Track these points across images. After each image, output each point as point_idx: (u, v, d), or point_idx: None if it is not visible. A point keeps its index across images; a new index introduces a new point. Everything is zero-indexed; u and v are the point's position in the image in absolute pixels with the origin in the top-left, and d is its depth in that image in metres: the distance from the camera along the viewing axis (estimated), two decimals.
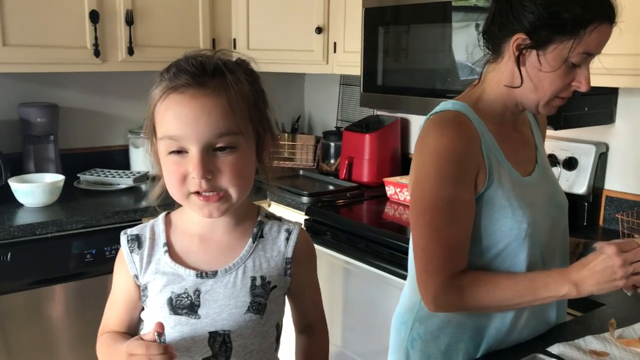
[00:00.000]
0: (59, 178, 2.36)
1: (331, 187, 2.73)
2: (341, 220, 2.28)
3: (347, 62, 2.62)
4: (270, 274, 1.07)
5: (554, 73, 1.15)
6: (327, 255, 2.26)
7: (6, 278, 2.06)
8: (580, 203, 2.12)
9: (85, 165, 2.74)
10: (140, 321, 1.11)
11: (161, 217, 1.10)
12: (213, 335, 1.03)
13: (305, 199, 2.47)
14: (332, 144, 3.01)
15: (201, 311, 1.02)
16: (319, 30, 2.69)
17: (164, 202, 1.08)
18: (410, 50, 2.30)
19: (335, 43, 2.68)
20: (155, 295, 1.04)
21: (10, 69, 2.32)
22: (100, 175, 2.64)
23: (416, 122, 2.84)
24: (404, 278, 1.88)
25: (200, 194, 0.97)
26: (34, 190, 2.25)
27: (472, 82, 1.29)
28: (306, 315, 1.19)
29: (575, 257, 1.32)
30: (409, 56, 2.30)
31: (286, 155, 3.18)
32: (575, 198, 2.08)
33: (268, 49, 2.76)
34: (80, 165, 2.71)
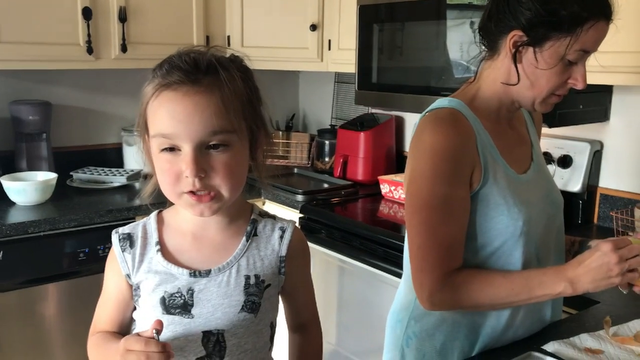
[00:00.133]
0: (52, 176, 2.35)
1: (326, 185, 2.72)
2: (336, 219, 2.28)
3: (342, 60, 2.62)
4: (264, 273, 1.06)
5: (550, 70, 1.14)
6: (322, 254, 2.26)
7: None
8: (575, 201, 2.12)
9: (78, 163, 2.72)
10: (132, 321, 1.10)
11: (153, 216, 1.09)
12: (207, 334, 1.02)
13: (300, 197, 2.47)
14: (327, 142, 3.01)
15: (195, 310, 1.02)
16: (314, 27, 2.69)
17: (157, 201, 1.08)
18: (405, 47, 2.29)
19: (329, 40, 2.68)
20: (148, 294, 1.03)
21: (2, 66, 2.30)
22: (93, 174, 2.62)
23: (411, 120, 2.84)
24: (399, 276, 1.88)
25: (193, 192, 0.96)
26: (26, 189, 2.24)
27: (468, 80, 1.28)
28: (300, 314, 1.19)
29: (571, 256, 1.32)
30: (404, 54, 2.30)
31: (280, 153, 3.17)
32: (569, 196, 2.08)
33: (262, 46, 2.75)
34: (73, 163, 2.70)
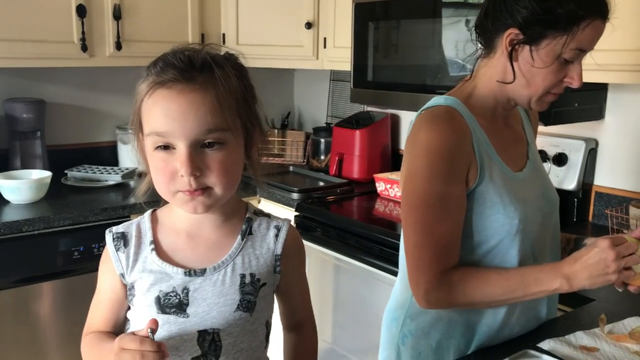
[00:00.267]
0: (46, 174, 2.33)
1: (321, 184, 2.72)
2: (331, 217, 2.28)
3: (337, 58, 2.61)
4: (259, 271, 1.06)
5: (546, 69, 1.14)
6: (317, 252, 2.26)
7: None
8: (570, 199, 2.13)
9: (72, 161, 2.71)
10: (126, 321, 1.09)
11: (147, 215, 1.08)
12: (202, 334, 1.01)
13: (296, 195, 2.46)
14: (322, 140, 3.00)
15: (190, 310, 1.01)
16: (309, 25, 2.68)
17: (152, 199, 1.07)
18: (400, 45, 2.29)
19: (325, 38, 2.67)
20: (143, 294, 1.02)
21: None
22: (87, 172, 2.61)
23: (406, 118, 2.84)
24: (394, 274, 1.88)
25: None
26: (20, 187, 2.23)
27: (464, 77, 1.28)
28: (295, 313, 1.19)
29: (567, 254, 1.32)
30: (399, 52, 2.30)
31: (276, 151, 3.17)
32: (565, 194, 2.08)
33: (257, 44, 2.75)
34: (67, 161, 2.69)
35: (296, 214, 2.38)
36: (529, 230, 1.21)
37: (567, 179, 2.12)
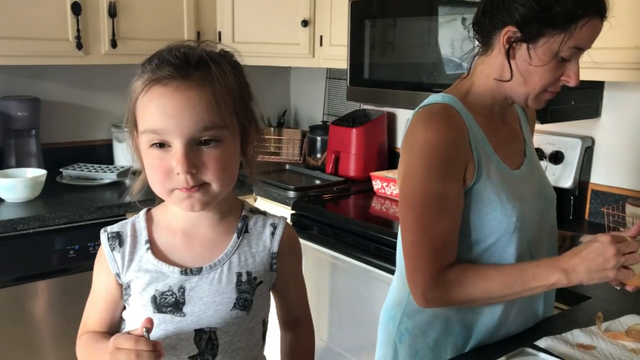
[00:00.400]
0: (41, 173, 2.32)
1: (318, 182, 2.72)
2: (328, 215, 2.27)
3: (334, 56, 2.61)
4: (256, 270, 1.05)
5: (543, 67, 1.14)
6: (314, 250, 2.25)
7: None
8: (566, 197, 2.13)
9: (68, 159, 2.70)
10: (122, 320, 1.08)
11: (142, 214, 1.08)
12: (199, 332, 1.01)
13: (292, 194, 2.46)
14: (319, 138, 3.00)
15: (186, 309, 1.01)
16: (305, 23, 2.67)
17: (146, 198, 1.06)
18: (396, 43, 2.29)
19: (321, 36, 2.67)
20: (139, 293, 1.02)
21: None
22: (83, 170, 2.60)
23: (403, 116, 2.83)
24: (391, 272, 1.88)
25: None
26: (15, 185, 2.21)
27: (461, 75, 1.28)
28: (291, 311, 1.18)
29: (563, 251, 1.32)
30: (396, 50, 2.29)
31: (272, 149, 3.16)
32: (561, 192, 2.08)
33: (253, 42, 2.74)
34: (62, 159, 2.68)
35: (292, 212, 2.38)
36: (526, 228, 1.21)
37: (564, 177, 2.12)
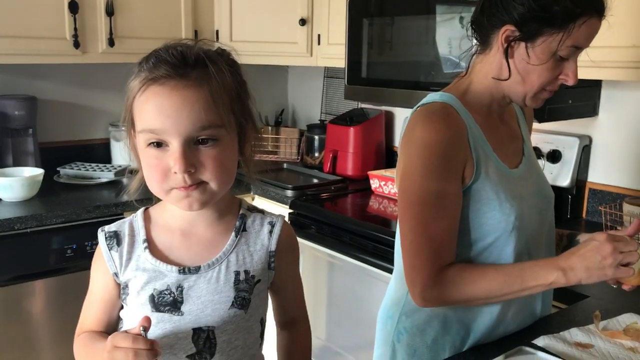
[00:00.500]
0: (38, 172, 2.32)
1: (315, 181, 2.72)
2: (325, 214, 2.27)
3: (331, 55, 2.60)
4: (254, 268, 1.05)
5: (542, 66, 1.14)
6: (312, 249, 2.25)
7: None
8: (564, 195, 2.13)
9: (65, 158, 2.69)
10: (119, 320, 1.08)
11: (140, 213, 1.07)
12: (197, 331, 1.01)
13: (290, 193, 2.46)
14: (316, 137, 3.00)
15: (184, 308, 1.00)
16: (303, 22, 2.67)
17: (144, 197, 1.06)
18: (394, 42, 2.29)
19: (319, 35, 2.66)
20: (137, 293, 1.02)
21: None
22: (80, 169, 2.60)
23: (401, 115, 2.83)
24: (389, 271, 1.88)
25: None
26: (12, 184, 2.21)
27: (460, 74, 1.27)
28: (288, 310, 1.18)
29: (560, 250, 1.32)
30: (394, 48, 2.29)
31: (270, 148, 3.16)
32: (558, 191, 2.08)
33: (251, 41, 2.73)
34: (60, 158, 2.67)
35: (290, 211, 2.37)
36: (524, 227, 1.21)
37: (561, 175, 2.12)
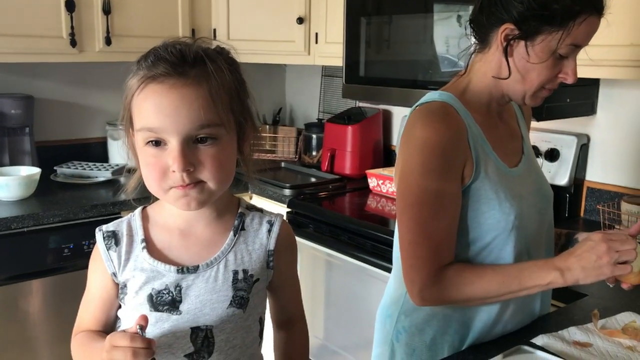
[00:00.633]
0: (35, 171, 2.31)
1: (313, 180, 2.71)
2: (323, 213, 2.27)
3: (329, 53, 2.60)
4: (252, 267, 1.05)
5: (541, 64, 1.14)
6: (310, 248, 2.25)
7: None
8: (562, 194, 2.13)
9: (62, 157, 2.69)
10: (117, 319, 1.08)
11: (138, 212, 1.07)
12: (195, 330, 1.00)
13: (287, 192, 2.45)
14: (314, 136, 3.00)
15: (183, 307, 1.00)
16: (301, 20, 2.67)
17: (142, 196, 1.06)
18: (392, 41, 2.28)
19: (316, 34, 2.66)
20: (135, 292, 1.01)
21: None
22: (77, 168, 2.59)
23: (398, 114, 2.83)
24: (387, 270, 1.88)
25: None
26: (9, 184, 2.20)
27: (459, 72, 1.27)
28: (286, 309, 1.18)
29: (558, 249, 1.32)
30: (392, 47, 2.29)
31: (268, 147, 3.15)
32: (556, 189, 2.07)
33: (249, 40, 2.73)
34: (57, 157, 2.66)
35: (288, 210, 2.37)
36: (524, 227, 1.21)
37: (559, 174, 2.12)
